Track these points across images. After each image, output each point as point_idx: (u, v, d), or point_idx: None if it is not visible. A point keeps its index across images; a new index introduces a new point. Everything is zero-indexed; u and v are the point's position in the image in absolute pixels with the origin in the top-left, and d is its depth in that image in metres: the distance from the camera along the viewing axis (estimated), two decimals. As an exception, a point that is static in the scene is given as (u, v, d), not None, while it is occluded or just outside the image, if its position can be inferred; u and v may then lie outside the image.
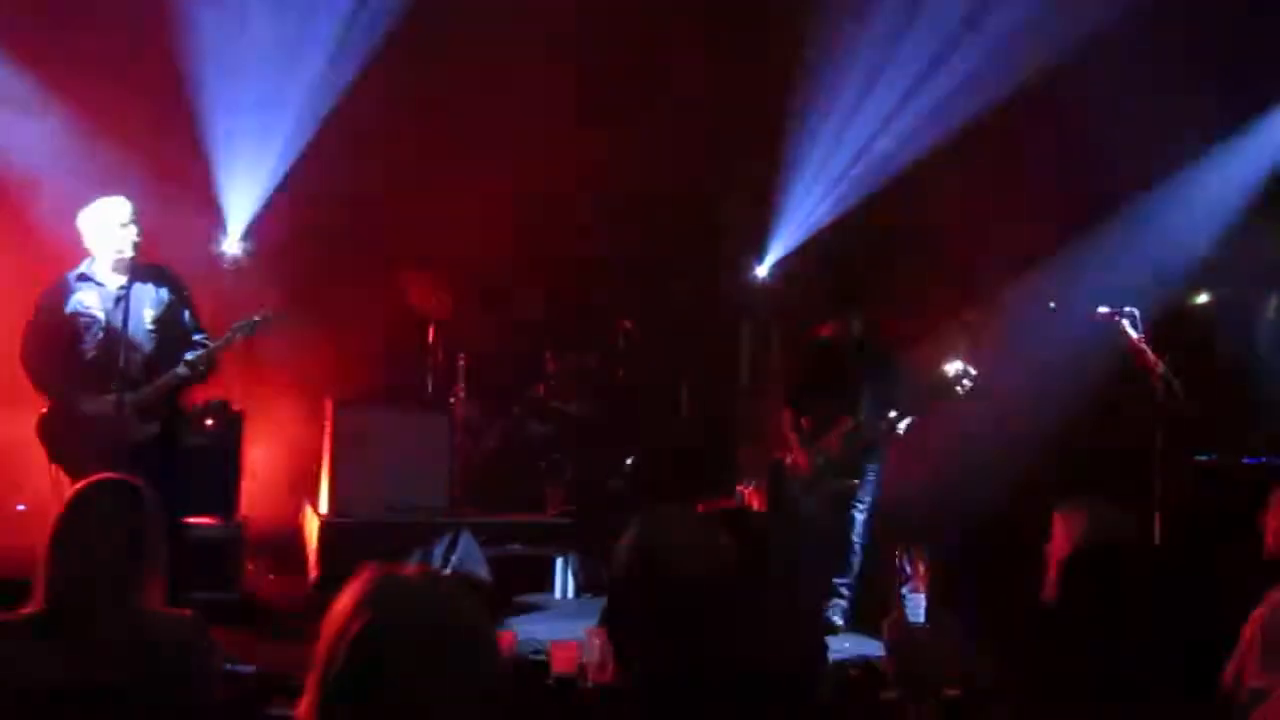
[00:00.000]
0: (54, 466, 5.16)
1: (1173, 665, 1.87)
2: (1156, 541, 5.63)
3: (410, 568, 1.77)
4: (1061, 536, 3.65)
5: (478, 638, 1.73)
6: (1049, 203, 7.78)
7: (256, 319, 5.54)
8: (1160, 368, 5.93)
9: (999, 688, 2.29)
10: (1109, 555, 2.14)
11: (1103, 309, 6.04)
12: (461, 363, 8.06)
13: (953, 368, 6.27)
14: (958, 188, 7.90)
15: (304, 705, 1.70)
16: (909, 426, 6.32)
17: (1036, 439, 7.50)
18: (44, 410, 5.30)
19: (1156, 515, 5.81)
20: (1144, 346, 5.97)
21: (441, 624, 1.71)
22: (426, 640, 1.68)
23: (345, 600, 1.73)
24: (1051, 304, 6.56)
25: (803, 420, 6.54)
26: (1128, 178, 7.66)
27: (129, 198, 5.39)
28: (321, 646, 1.71)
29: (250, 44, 7.67)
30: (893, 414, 6.33)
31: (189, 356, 5.32)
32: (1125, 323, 5.97)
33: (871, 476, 6.53)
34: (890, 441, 6.42)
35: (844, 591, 6.47)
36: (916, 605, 2.24)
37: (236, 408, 7.22)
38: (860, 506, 6.50)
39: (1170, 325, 6.92)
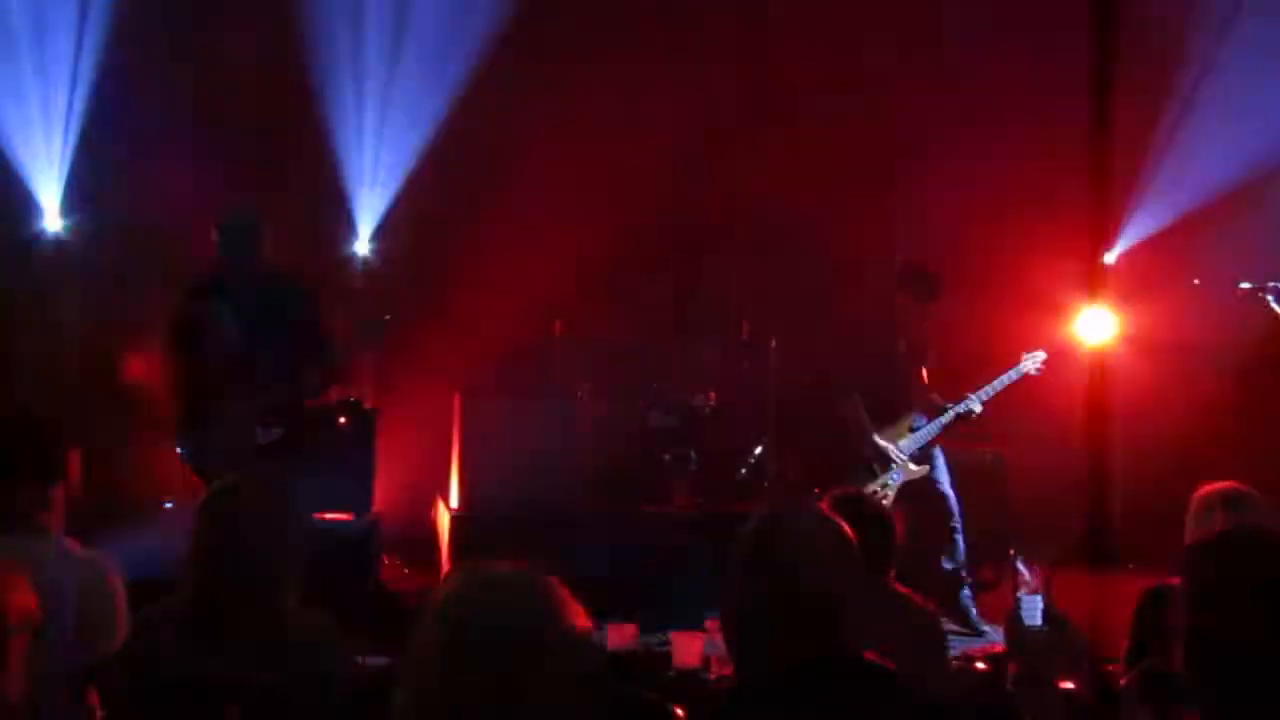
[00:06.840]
0: (187, 466, 5.39)
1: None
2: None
3: (503, 564, 1.79)
4: (1194, 524, 3.50)
5: (567, 634, 1.74)
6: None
7: (374, 323, 5.67)
8: (1309, 344, 5.67)
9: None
10: (1231, 542, 2.02)
11: (1245, 284, 5.78)
12: (587, 355, 8.10)
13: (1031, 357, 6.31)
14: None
15: (399, 696, 1.74)
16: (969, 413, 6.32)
17: (1180, 421, 7.22)
18: (181, 411, 5.52)
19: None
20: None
21: (530, 620, 1.72)
22: (514, 637, 1.69)
23: (437, 594, 1.76)
24: (1196, 280, 6.33)
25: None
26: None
27: (259, 202, 5.58)
28: (414, 640, 1.74)
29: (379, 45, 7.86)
30: (971, 401, 6.30)
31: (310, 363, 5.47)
32: (1270, 298, 5.71)
33: (941, 460, 6.43)
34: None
35: (966, 589, 6.27)
36: (1034, 608, 2.16)
37: (369, 405, 7.40)
38: (948, 493, 6.37)
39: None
